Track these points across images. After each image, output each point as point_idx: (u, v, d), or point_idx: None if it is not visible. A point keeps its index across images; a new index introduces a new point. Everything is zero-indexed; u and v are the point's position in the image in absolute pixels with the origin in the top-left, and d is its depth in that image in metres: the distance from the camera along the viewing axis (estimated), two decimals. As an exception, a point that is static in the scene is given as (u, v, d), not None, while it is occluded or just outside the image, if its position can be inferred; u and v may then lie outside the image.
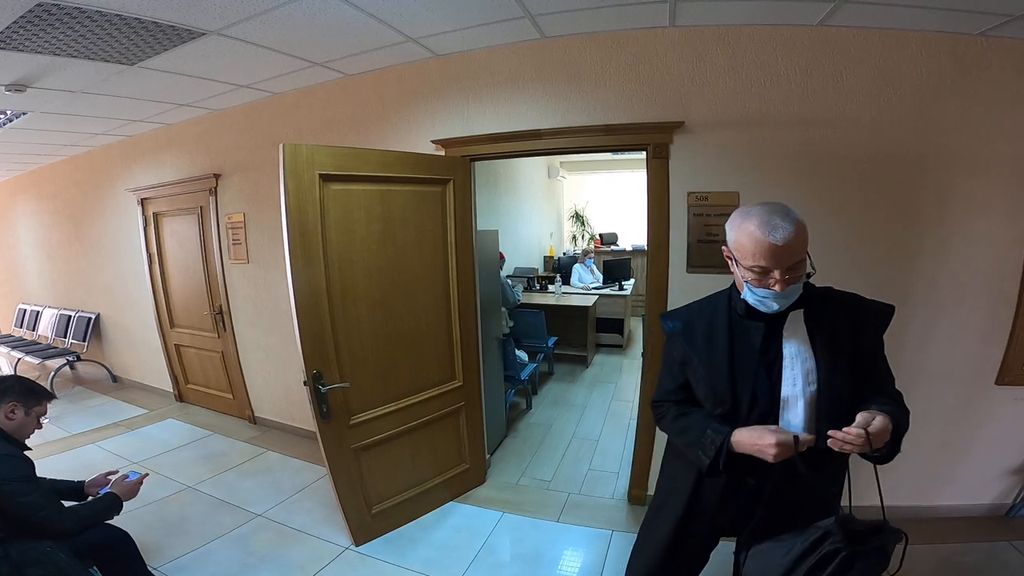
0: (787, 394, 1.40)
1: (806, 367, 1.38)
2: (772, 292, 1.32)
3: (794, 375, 1.39)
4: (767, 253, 1.28)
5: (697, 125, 2.71)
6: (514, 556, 2.77)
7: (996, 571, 2.48)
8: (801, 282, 1.35)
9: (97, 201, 5.55)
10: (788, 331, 1.41)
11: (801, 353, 1.39)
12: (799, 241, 1.28)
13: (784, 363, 1.40)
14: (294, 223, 2.39)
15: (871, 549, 1.30)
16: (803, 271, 1.34)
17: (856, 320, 1.41)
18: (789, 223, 1.28)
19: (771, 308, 1.36)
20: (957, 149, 2.48)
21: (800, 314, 1.42)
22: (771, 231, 1.27)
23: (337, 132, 3.53)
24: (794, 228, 1.27)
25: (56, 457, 3.91)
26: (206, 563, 2.69)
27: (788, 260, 1.28)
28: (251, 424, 4.68)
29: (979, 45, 2.38)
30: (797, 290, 1.35)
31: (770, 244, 1.27)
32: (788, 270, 1.29)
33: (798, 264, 1.31)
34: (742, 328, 1.46)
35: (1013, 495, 2.85)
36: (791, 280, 1.31)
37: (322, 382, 2.54)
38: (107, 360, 6.14)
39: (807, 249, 1.32)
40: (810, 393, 1.38)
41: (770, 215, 1.30)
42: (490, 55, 3.00)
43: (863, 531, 1.32)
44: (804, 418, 1.38)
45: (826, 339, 1.38)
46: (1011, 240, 2.53)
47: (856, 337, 1.39)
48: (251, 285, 4.32)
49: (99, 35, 2.49)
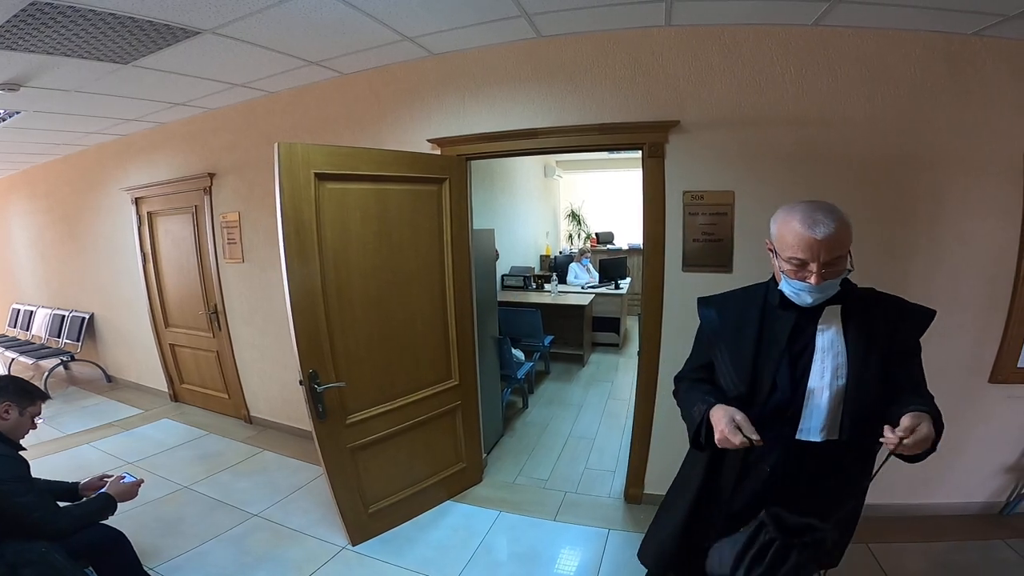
0: (814, 385, 1.41)
1: (837, 361, 1.40)
2: (807, 285, 1.34)
3: (823, 367, 1.40)
4: (806, 246, 1.31)
5: (692, 124, 2.72)
6: (511, 555, 2.77)
7: (990, 570, 2.49)
8: (838, 279, 1.36)
9: (91, 200, 5.52)
10: (823, 324, 1.43)
11: (834, 346, 1.41)
12: (840, 238, 1.30)
13: (815, 355, 1.42)
14: (289, 222, 2.39)
15: (807, 542, 1.32)
16: (842, 268, 1.35)
17: (894, 321, 1.42)
18: (832, 220, 1.30)
19: (805, 301, 1.39)
20: (951, 149, 2.49)
21: (837, 309, 1.43)
22: (813, 226, 1.30)
23: (333, 131, 3.52)
24: (836, 225, 1.30)
25: (51, 457, 3.88)
26: (202, 563, 2.68)
27: (827, 255, 1.30)
28: (247, 424, 4.67)
29: (973, 45, 2.40)
30: (833, 286, 1.37)
31: (810, 238, 1.30)
32: (825, 265, 1.31)
33: (837, 260, 1.33)
34: (773, 318, 1.48)
35: (1007, 493, 2.86)
36: (828, 275, 1.32)
37: (318, 382, 2.53)
38: (101, 360, 6.11)
39: (849, 248, 1.34)
40: (837, 387, 1.39)
41: (814, 211, 1.32)
42: (486, 54, 3.00)
43: (797, 526, 1.33)
44: (827, 410, 1.40)
45: (861, 336, 1.39)
46: (1004, 240, 2.54)
47: (892, 338, 1.40)
48: (246, 284, 4.31)
49: (93, 34, 2.48)
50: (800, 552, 1.31)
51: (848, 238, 1.32)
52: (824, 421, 1.41)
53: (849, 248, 1.34)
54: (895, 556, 2.58)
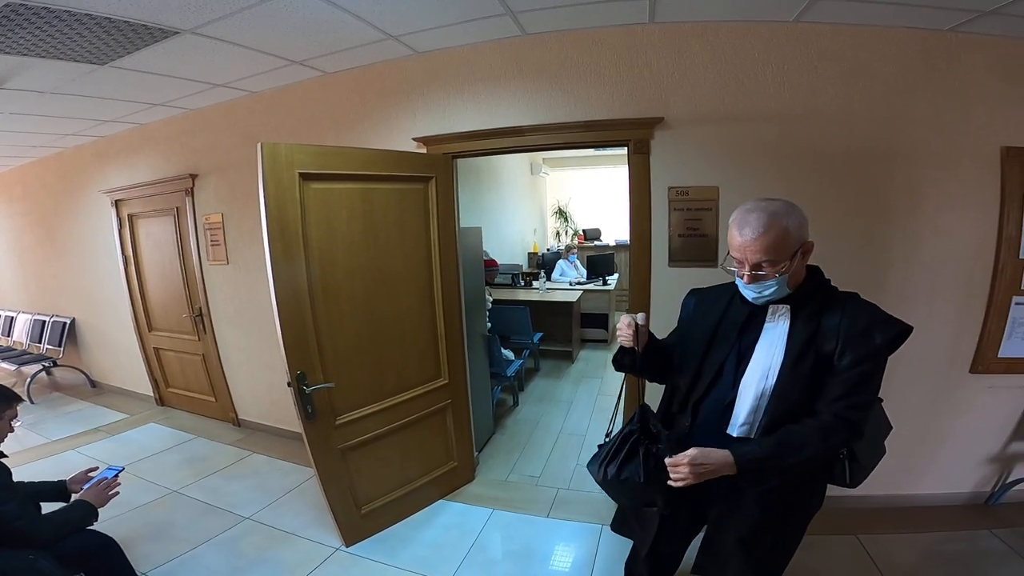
0: (745, 382, 1.46)
1: (771, 361, 1.43)
2: (743, 283, 1.42)
3: (756, 366, 1.45)
4: (736, 247, 1.39)
5: (677, 121, 2.74)
6: (505, 553, 2.78)
7: (977, 560, 2.53)
8: (777, 280, 1.37)
9: (69, 203, 5.42)
10: (771, 321, 1.46)
11: (773, 346, 1.44)
12: (765, 243, 1.33)
13: (755, 353, 1.46)
14: (274, 223, 2.37)
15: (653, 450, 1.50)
16: (775, 272, 1.36)
17: (849, 331, 1.36)
18: (761, 225, 1.33)
19: (748, 296, 1.45)
20: (927, 143, 2.54)
21: (785, 308, 1.45)
22: (741, 228, 1.37)
23: (317, 131, 3.49)
24: (763, 230, 1.33)
25: (36, 463, 3.84)
26: (195, 568, 2.67)
27: (752, 257, 1.35)
28: (235, 427, 4.63)
29: (949, 41, 2.44)
30: (770, 287, 1.39)
31: (738, 239, 1.37)
32: (753, 267, 1.36)
33: (766, 263, 1.35)
34: (733, 310, 1.54)
35: (992, 483, 2.92)
36: (760, 277, 1.37)
37: (306, 383, 2.52)
38: (84, 365, 6.02)
39: (786, 253, 1.35)
40: (764, 387, 1.42)
41: (747, 213, 1.37)
42: (471, 53, 3.00)
43: (655, 433, 1.53)
44: (751, 408, 1.44)
45: (801, 341, 1.40)
46: (982, 231, 2.59)
47: (843, 346, 1.35)
48: (231, 286, 4.27)
49: (68, 35, 2.43)
50: (645, 447, 1.49)
51: (779, 244, 1.33)
52: (745, 418, 1.45)
53: (789, 254, 1.35)
54: (883, 547, 2.62)
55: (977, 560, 2.52)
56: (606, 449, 1.60)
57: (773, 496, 1.46)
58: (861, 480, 1.57)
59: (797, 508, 1.57)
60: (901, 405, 2.80)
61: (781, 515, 1.53)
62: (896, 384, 2.76)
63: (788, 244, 1.35)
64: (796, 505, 1.56)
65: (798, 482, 1.49)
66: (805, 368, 1.38)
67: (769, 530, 1.54)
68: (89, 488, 2.20)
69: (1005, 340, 2.67)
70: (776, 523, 1.54)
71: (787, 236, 1.34)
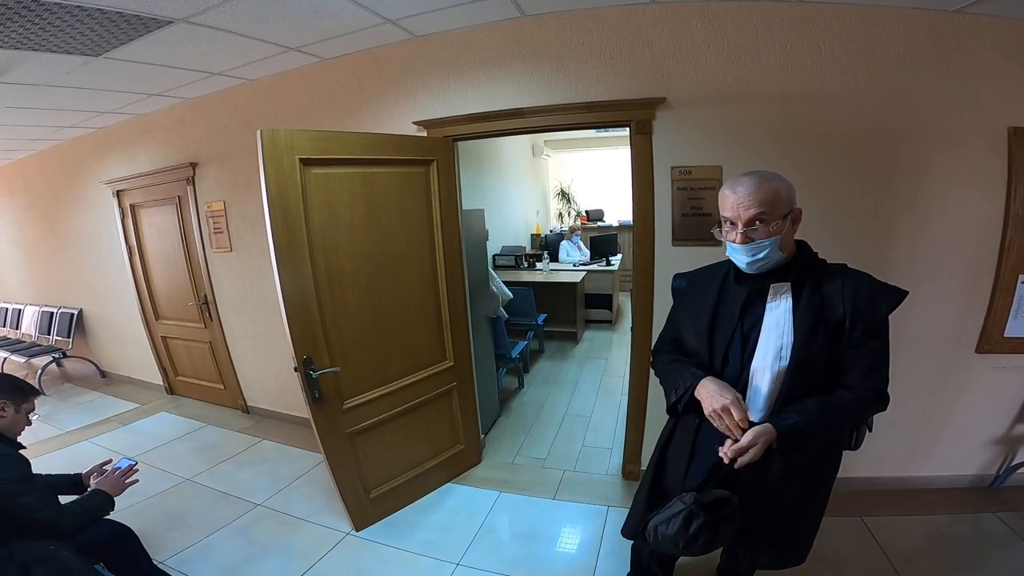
0: (757, 366, 1.44)
1: (781, 341, 1.41)
2: (738, 246, 1.39)
3: (766, 348, 1.42)
4: (729, 204, 1.39)
5: (679, 101, 2.70)
6: (513, 535, 2.82)
7: (982, 542, 2.53)
8: (770, 241, 1.37)
9: (71, 195, 5.42)
10: (773, 301, 1.44)
11: (780, 326, 1.42)
12: (757, 194, 1.35)
13: (761, 335, 1.44)
14: (276, 209, 2.36)
15: (727, 514, 1.43)
16: (768, 231, 1.37)
17: (854, 300, 1.38)
18: (754, 181, 1.37)
19: (742, 263, 1.43)
20: (933, 123, 2.50)
21: (786, 287, 1.44)
22: (734, 186, 1.39)
23: (316, 117, 3.47)
24: (756, 185, 1.36)
25: (51, 455, 3.91)
26: (210, 555, 2.72)
27: (745, 212, 1.36)
28: (244, 414, 4.68)
29: (956, 22, 2.39)
30: (764, 248, 1.38)
31: (730, 196, 1.38)
32: (747, 223, 1.36)
33: (759, 218, 1.36)
34: (729, 292, 1.52)
35: (996, 466, 2.91)
36: (753, 234, 1.37)
37: (312, 367, 2.54)
38: (94, 355, 6.08)
39: (778, 211, 1.37)
40: (778, 369, 1.41)
41: (739, 176, 1.41)
42: (470, 35, 2.95)
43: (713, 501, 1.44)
44: (767, 393, 1.43)
45: (808, 315, 1.39)
46: (989, 211, 2.57)
47: (848, 317, 1.37)
48: (235, 274, 4.28)
49: (60, 27, 2.41)
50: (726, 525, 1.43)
51: (771, 199, 1.36)
52: (764, 403, 1.43)
53: (786, 214, 1.38)
54: (888, 529, 2.64)
55: (981, 543, 2.53)
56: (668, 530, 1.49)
57: (799, 468, 1.47)
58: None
59: (821, 476, 1.58)
60: (906, 386, 2.80)
61: (808, 486, 1.55)
62: (901, 364, 2.76)
63: (780, 202, 1.37)
64: (821, 473, 1.58)
65: (818, 450, 1.51)
66: (818, 343, 1.38)
67: (798, 504, 1.56)
68: (104, 478, 2.23)
69: (1011, 319, 2.65)
70: (804, 494, 1.56)
71: (779, 195, 1.37)
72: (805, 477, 1.52)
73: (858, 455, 1.78)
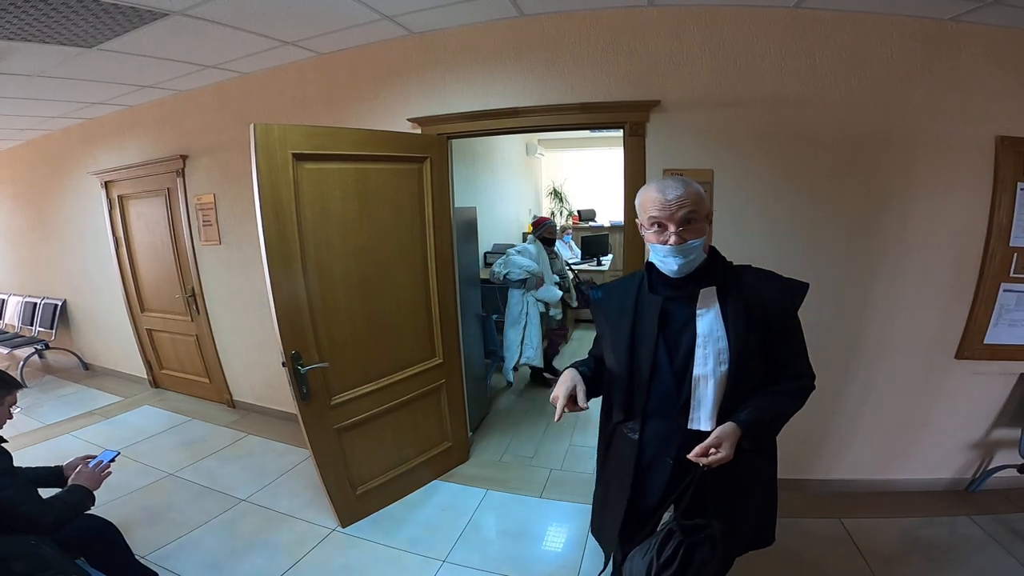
0: (699, 373, 1.44)
1: (719, 346, 1.42)
2: (670, 248, 1.38)
3: (706, 354, 1.43)
4: (661, 206, 1.38)
5: (673, 104, 2.72)
6: (499, 532, 2.83)
7: (957, 545, 2.57)
8: (699, 241, 1.39)
9: (58, 185, 5.35)
10: (702, 307, 1.45)
11: (714, 331, 1.43)
12: (691, 196, 1.38)
13: (697, 342, 1.44)
14: (268, 204, 2.35)
15: (704, 538, 1.41)
16: (699, 232, 1.39)
17: (771, 297, 1.45)
18: (682, 182, 1.39)
19: (671, 268, 1.42)
20: (923, 131, 2.54)
21: (712, 291, 1.45)
22: (664, 189, 1.39)
23: (310, 112, 3.45)
24: (685, 186, 1.39)
25: (32, 448, 3.84)
26: (193, 550, 2.69)
27: (679, 212, 1.36)
28: (230, 408, 4.64)
29: (949, 30, 2.43)
30: (694, 251, 1.39)
31: (663, 199, 1.38)
32: (681, 223, 1.37)
33: (692, 218, 1.37)
34: (645, 303, 1.52)
35: (973, 470, 2.96)
36: (686, 234, 1.37)
37: (301, 363, 2.52)
38: (77, 347, 6.00)
39: (705, 214, 1.41)
40: (721, 373, 1.42)
41: (665, 179, 1.42)
42: (467, 33, 2.96)
43: (693, 526, 1.43)
44: (714, 397, 1.44)
45: (739, 317, 1.42)
46: (973, 219, 2.61)
47: (770, 314, 1.43)
48: (224, 267, 4.25)
49: (54, 18, 2.39)
50: (701, 548, 1.41)
51: (700, 201, 1.39)
52: (712, 409, 1.44)
53: (707, 216, 1.42)
54: (866, 531, 2.68)
55: (956, 545, 2.57)
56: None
57: (754, 457, 1.49)
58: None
59: (765, 456, 1.61)
60: (886, 389, 2.87)
61: (756, 469, 1.58)
62: (882, 368, 2.83)
63: (705, 204, 1.41)
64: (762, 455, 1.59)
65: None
66: (753, 342, 1.41)
67: (751, 489, 1.59)
68: (82, 472, 2.19)
69: (991, 326, 2.70)
70: (754, 478, 1.59)
71: (703, 196, 1.41)
72: (754, 461, 1.54)
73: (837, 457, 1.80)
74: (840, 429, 2.94)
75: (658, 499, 1.55)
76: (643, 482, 1.59)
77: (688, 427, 1.47)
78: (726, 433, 1.36)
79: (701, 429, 1.45)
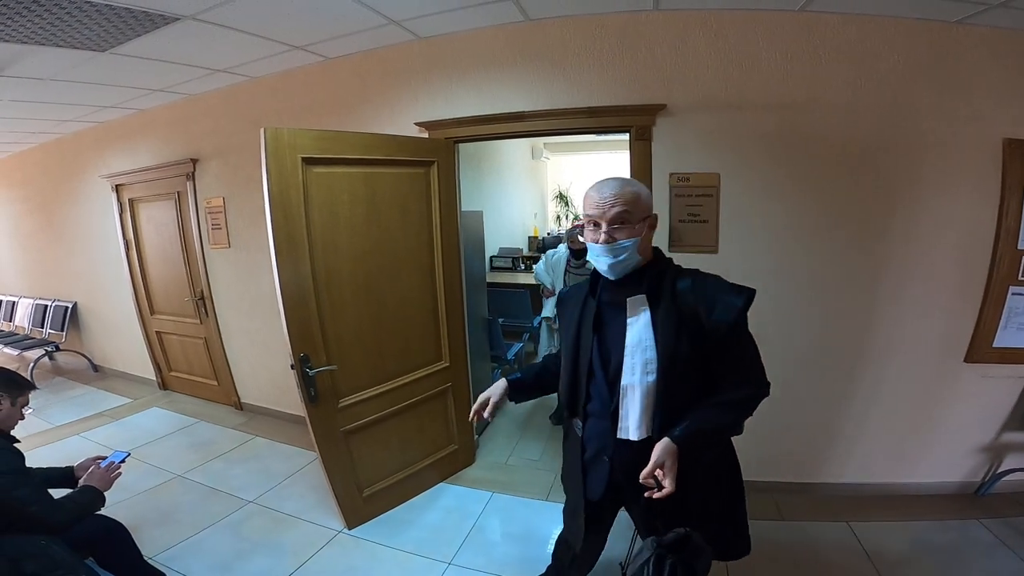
0: (626, 383, 1.44)
1: (646, 356, 1.41)
2: (602, 246, 1.40)
3: (633, 364, 1.43)
4: (594, 204, 1.41)
5: (679, 108, 2.73)
6: (504, 535, 2.83)
7: (966, 549, 2.55)
8: (631, 243, 1.39)
9: (69, 188, 5.41)
10: (632, 316, 1.45)
11: (643, 341, 1.42)
12: (625, 195, 1.39)
13: (626, 351, 1.44)
14: (277, 207, 2.38)
15: (693, 548, 1.39)
16: (633, 232, 1.40)
17: (707, 309, 1.39)
18: (619, 183, 1.42)
19: (602, 267, 1.44)
20: (929, 133, 2.54)
21: (643, 299, 1.45)
22: (600, 188, 1.42)
23: (318, 116, 3.48)
24: (621, 187, 1.41)
25: (41, 449, 3.88)
26: (200, 551, 2.71)
27: (611, 211, 1.38)
28: (237, 410, 4.67)
29: (956, 33, 2.43)
30: (625, 251, 1.40)
31: (597, 196, 1.41)
32: (612, 221, 1.38)
33: (625, 218, 1.39)
34: (587, 306, 1.55)
35: (982, 473, 2.94)
36: (616, 233, 1.39)
37: (309, 365, 2.54)
38: (87, 349, 6.05)
39: (641, 214, 1.41)
40: (648, 384, 1.42)
41: (603, 181, 1.44)
42: (474, 38, 2.98)
43: (675, 540, 1.40)
44: (642, 407, 1.43)
45: (669, 326, 1.39)
46: (981, 221, 2.60)
47: (708, 322, 1.38)
48: (233, 270, 4.28)
49: (68, 22, 2.42)
50: (697, 561, 1.39)
51: (634, 201, 1.40)
52: (640, 419, 1.44)
53: (646, 218, 1.43)
54: (874, 534, 2.66)
55: (965, 549, 2.55)
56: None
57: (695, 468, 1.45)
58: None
59: (722, 465, 1.59)
60: (895, 393, 2.85)
61: (711, 479, 1.55)
62: (890, 372, 2.82)
63: (642, 205, 1.42)
64: (718, 464, 1.59)
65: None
66: (684, 350, 1.38)
67: (708, 498, 1.55)
68: (92, 472, 2.21)
69: (1000, 330, 2.69)
70: (710, 488, 1.56)
71: (640, 198, 1.42)
72: (703, 473, 1.50)
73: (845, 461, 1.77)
74: (848, 432, 2.92)
75: (600, 494, 1.57)
76: (588, 475, 1.61)
77: (617, 436, 1.48)
78: (665, 452, 1.32)
79: (629, 439, 1.45)
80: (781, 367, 2.83)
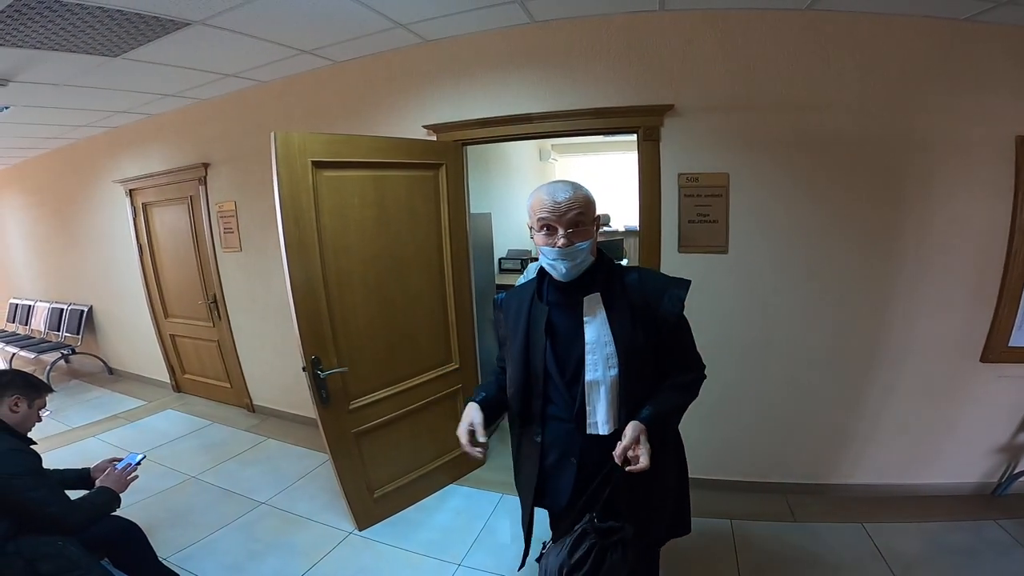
0: (591, 379, 1.45)
1: (606, 351, 1.43)
2: (557, 249, 1.39)
3: (595, 360, 1.44)
4: (550, 208, 1.39)
5: (687, 108, 2.72)
6: (515, 536, 2.82)
7: (982, 550, 2.52)
8: (587, 245, 1.41)
9: (83, 193, 5.50)
10: (588, 315, 1.46)
11: (601, 337, 1.44)
12: (579, 199, 1.40)
13: (587, 348, 1.45)
14: (288, 210, 2.40)
15: (615, 541, 1.41)
16: (586, 235, 1.41)
17: (656, 301, 1.45)
18: (571, 186, 1.42)
19: (560, 271, 1.44)
20: (942, 132, 2.51)
21: (597, 297, 1.46)
22: (554, 192, 1.41)
23: (326, 119, 3.51)
24: (575, 190, 1.41)
25: (58, 451, 3.93)
26: (213, 552, 2.74)
27: (568, 215, 1.38)
28: (250, 412, 4.71)
29: (965, 30, 2.40)
30: (581, 254, 1.41)
31: (552, 201, 1.39)
32: (569, 225, 1.38)
33: (580, 221, 1.39)
34: (535, 310, 1.54)
35: (999, 474, 2.89)
36: (574, 237, 1.39)
37: (320, 367, 2.56)
38: (102, 352, 6.13)
39: (593, 217, 1.43)
40: (611, 378, 1.44)
41: (553, 184, 1.44)
42: (480, 40, 2.99)
43: (607, 528, 1.42)
44: (608, 401, 1.45)
45: (624, 321, 1.43)
46: (995, 220, 2.57)
47: (655, 314, 1.44)
48: (244, 273, 4.32)
49: (81, 28, 2.46)
50: (613, 552, 1.41)
51: (588, 204, 1.42)
52: (607, 413, 1.46)
53: (594, 219, 1.44)
54: (889, 535, 2.63)
55: (981, 550, 2.51)
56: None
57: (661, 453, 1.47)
58: None
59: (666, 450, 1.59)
60: (910, 393, 2.82)
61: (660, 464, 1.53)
62: (904, 371, 2.79)
63: (593, 207, 1.44)
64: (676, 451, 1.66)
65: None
66: (640, 343, 1.43)
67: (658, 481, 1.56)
68: (108, 474, 2.24)
69: (1016, 329, 2.65)
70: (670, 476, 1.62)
71: (591, 201, 1.43)
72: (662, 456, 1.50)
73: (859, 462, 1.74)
74: (862, 433, 2.89)
75: (567, 499, 1.55)
76: (550, 483, 1.59)
77: (587, 432, 1.48)
78: (637, 430, 1.36)
79: (600, 433, 1.46)
80: (793, 367, 2.85)
